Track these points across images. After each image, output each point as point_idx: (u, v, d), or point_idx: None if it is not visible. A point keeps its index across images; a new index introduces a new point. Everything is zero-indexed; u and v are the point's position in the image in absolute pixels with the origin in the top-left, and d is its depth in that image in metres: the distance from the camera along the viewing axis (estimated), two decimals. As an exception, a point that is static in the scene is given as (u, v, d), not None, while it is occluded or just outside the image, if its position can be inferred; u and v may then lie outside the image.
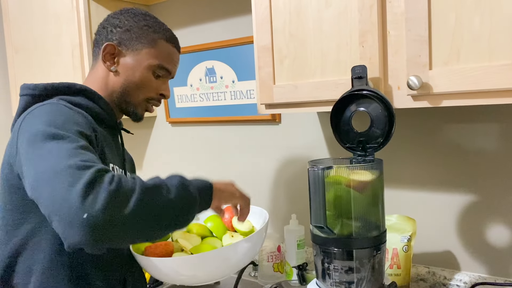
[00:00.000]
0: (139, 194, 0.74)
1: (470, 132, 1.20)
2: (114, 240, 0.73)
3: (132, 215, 0.72)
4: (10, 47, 1.91)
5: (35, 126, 0.82)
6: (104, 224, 0.69)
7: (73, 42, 1.66)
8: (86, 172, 0.72)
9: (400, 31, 0.97)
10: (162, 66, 1.04)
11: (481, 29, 0.86)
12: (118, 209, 0.71)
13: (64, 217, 0.70)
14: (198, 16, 1.73)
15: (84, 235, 0.69)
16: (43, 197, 0.73)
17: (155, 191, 0.77)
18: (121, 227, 0.71)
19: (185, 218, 0.82)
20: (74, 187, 0.70)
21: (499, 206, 1.18)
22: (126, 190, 0.73)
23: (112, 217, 0.70)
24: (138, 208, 0.73)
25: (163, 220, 0.77)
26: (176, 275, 0.91)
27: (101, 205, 0.69)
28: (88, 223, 0.68)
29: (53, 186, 0.72)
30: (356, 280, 0.92)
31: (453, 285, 1.23)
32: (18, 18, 1.86)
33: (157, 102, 1.09)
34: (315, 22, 1.08)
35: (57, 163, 0.74)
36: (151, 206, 0.75)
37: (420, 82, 0.92)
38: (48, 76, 1.77)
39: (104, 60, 1.03)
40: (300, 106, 1.15)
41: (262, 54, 1.18)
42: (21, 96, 0.96)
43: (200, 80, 1.73)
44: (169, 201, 0.78)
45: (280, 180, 1.58)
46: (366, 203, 0.93)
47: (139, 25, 1.03)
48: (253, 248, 0.95)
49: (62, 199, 0.70)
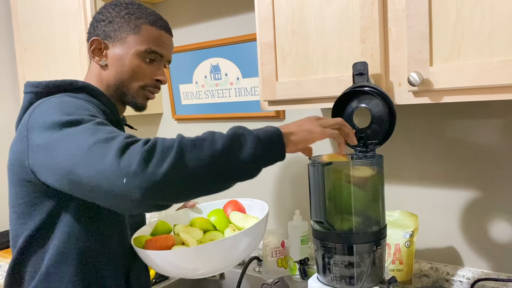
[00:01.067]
0: (177, 150, 0.71)
1: (473, 128, 1.20)
2: (165, 197, 0.72)
3: (170, 172, 0.70)
4: (19, 45, 1.94)
5: (48, 118, 0.83)
6: (146, 184, 0.69)
7: (80, 40, 1.68)
8: (114, 141, 0.72)
9: (401, 28, 0.97)
10: (150, 50, 1.01)
11: (481, 26, 0.87)
12: (155, 167, 0.69)
13: (107, 189, 0.70)
14: (203, 13, 1.74)
15: (132, 201, 0.69)
16: (82, 177, 0.73)
17: (198, 144, 0.73)
18: (164, 184, 0.70)
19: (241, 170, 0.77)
20: (106, 158, 0.70)
21: (502, 202, 1.18)
22: (162, 148, 0.72)
23: (152, 175, 0.69)
24: (176, 164, 0.70)
25: (210, 172, 0.73)
26: (177, 268, 0.91)
27: (137, 166, 0.69)
28: (129, 187, 0.68)
29: (87, 164, 0.72)
30: (356, 275, 0.93)
31: (456, 281, 1.23)
32: (26, 17, 1.88)
33: (155, 89, 1.07)
34: (317, 19, 1.09)
35: (83, 143, 0.74)
36: (191, 161, 0.72)
37: (420, 78, 0.92)
38: (56, 74, 1.80)
39: (92, 56, 1.04)
40: (302, 103, 1.16)
41: (265, 51, 1.19)
42: (25, 93, 0.98)
43: (205, 77, 1.75)
44: (213, 154, 0.73)
45: (285, 176, 1.60)
46: (366, 199, 0.94)
47: (120, 14, 1.02)
48: (253, 240, 0.95)
49: (99, 173, 0.71)
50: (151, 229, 1.06)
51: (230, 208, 1.10)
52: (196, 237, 1.00)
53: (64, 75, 1.76)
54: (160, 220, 1.08)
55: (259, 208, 1.09)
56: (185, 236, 0.97)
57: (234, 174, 0.77)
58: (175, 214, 1.16)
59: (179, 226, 1.05)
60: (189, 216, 1.15)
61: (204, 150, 0.73)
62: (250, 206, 1.12)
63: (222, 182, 0.77)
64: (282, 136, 0.80)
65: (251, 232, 0.93)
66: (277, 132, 0.80)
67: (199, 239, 0.99)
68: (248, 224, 1.01)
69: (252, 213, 1.10)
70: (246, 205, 1.13)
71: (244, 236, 0.92)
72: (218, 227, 1.05)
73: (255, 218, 1.04)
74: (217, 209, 1.10)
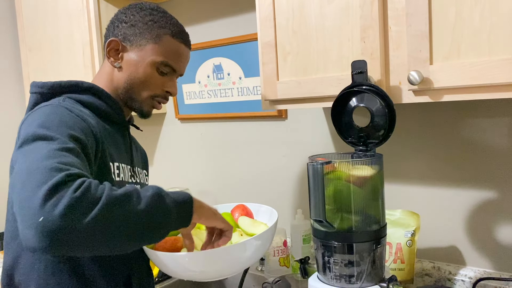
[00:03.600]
0: (104, 204, 0.70)
1: (474, 127, 1.20)
2: (71, 248, 0.69)
3: (92, 225, 0.68)
4: (24, 45, 1.96)
5: (28, 128, 0.82)
6: (60, 231, 0.66)
7: (83, 40, 1.69)
8: (56, 175, 0.70)
9: (401, 27, 0.97)
10: (166, 63, 1.01)
11: (481, 24, 0.86)
12: (77, 217, 0.68)
13: (24, 218, 0.68)
14: (206, 13, 1.75)
15: (38, 239, 0.66)
16: (14, 196, 0.72)
17: (124, 200, 0.73)
18: (79, 236, 0.68)
19: (156, 231, 0.77)
20: (40, 188, 0.68)
21: (504, 201, 1.18)
22: (91, 199, 0.70)
23: (70, 224, 0.67)
24: (100, 218, 0.69)
25: (128, 231, 0.73)
26: (184, 270, 0.91)
27: (59, 211, 0.67)
28: (42, 227, 0.66)
29: (23, 185, 0.71)
30: (356, 273, 0.93)
31: (458, 280, 1.23)
32: (31, 17, 1.90)
33: (163, 100, 1.06)
34: (317, 19, 1.09)
35: (34, 163, 0.73)
36: (116, 216, 0.71)
37: (420, 77, 0.92)
38: (60, 75, 1.81)
39: (108, 56, 1.03)
40: (303, 102, 1.16)
41: (266, 50, 1.19)
42: (31, 93, 0.98)
43: (208, 77, 1.75)
44: (137, 212, 0.74)
45: (287, 175, 1.60)
46: (366, 198, 0.94)
47: (144, 20, 1.01)
48: (262, 246, 0.94)
49: (26, 199, 0.68)
50: None
51: (238, 213, 1.10)
52: (204, 239, 1.00)
53: (68, 75, 1.77)
54: None
55: (267, 214, 1.09)
56: (194, 238, 0.97)
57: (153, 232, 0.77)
58: None
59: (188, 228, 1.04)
60: None
61: (129, 207, 0.73)
62: (258, 211, 1.12)
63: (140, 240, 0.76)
64: (192, 202, 0.83)
65: (260, 238, 0.92)
66: (190, 198, 0.83)
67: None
68: (256, 229, 1.01)
69: (260, 219, 1.10)
70: (254, 210, 1.12)
71: (253, 242, 0.91)
72: None
73: (263, 224, 1.04)
74: (225, 213, 1.10)
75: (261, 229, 0.99)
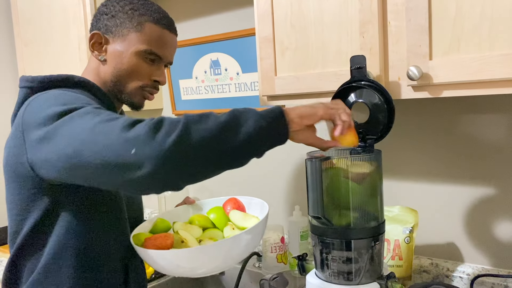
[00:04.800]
0: (184, 122, 0.71)
1: (473, 123, 1.19)
2: (175, 169, 0.70)
3: (179, 142, 0.69)
4: (19, 40, 1.94)
5: (44, 111, 0.81)
6: (156, 152, 0.67)
7: (79, 35, 1.67)
8: (118, 120, 0.71)
9: (401, 21, 0.96)
10: (150, 51, 0.99)
11: (481, 19, 0.85)
12: (163, 137, 0.68)
13: (116, 164, 0.69)
14: (203, 8, 1.73)
15: (142, 175, 0.68)
16: (87, 158, 0.71)
17: (203, 118, 0.73)
18: (173, 153, 0.69)
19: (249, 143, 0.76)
20: (112, 133, 0.69)
21: (502, 198, 1.17)
22: (170, 122, 0.71)
23: (161, 144, 0.68)
24: (184, 135, 0.70)
25: (212, 146, 0.72)
26: (175, 267, 0.90)
27: (145, 136, 0.67)
28: (139, 157, 0.67)
29: (92, 143, 0.70)
30: (354, 270, 0.92)
31: (456, 277, 1.22)
32: (27, 11, 1.88)
33: (153, 89, 1.04)
34: (316, 13, 1.08)
35: (85, 124, 0.72)
36: (197, 132, 0.71)
37: (420, 73, 0.91)
38: (56, 69, 1.79)
39: (92, 50, 1.01)
40: (302, 98, 1.15)
41: (264, 45, 1.18)
42: (20, 88, 0.96)
43: (205, 73, 1.74)
44: (218, 125, 0.73)
45: (284, 171, 1.59)
46: (365, 194, 0.93)
47: (124, 9, 0.99)
48: (253, 240, 0.94)
49: (105, 149, 0.69)
50: (150, 225, 1.06)
51: (229, 206, 1.09)
52: (195, 235, 0.99)
53: (64, 70, 1.75)
54: (159, 218, 1.08)
55: (258, 206, 1.08)
56: (185, 234, 0.96)
57: (239, 149, 0.76)
58: (174, 210, 1.16)
59: (178, 224, 1.04)
60: (189, 213, 1.15)
61: (209, 122, 0.73)
62: (249, 204, 1.12)
63: (229, 156, 0.76)
64: (283, 114, 0.80)
65: (251, 232, 0.92)
66: (279, 109, 0.81)
67: (198, 237, 0.99)
68: (248, 223, 1.01)
69: (251, 212, 1.10)
70: (245, 203, 1.12)
71: (244, 236, 0.91)
72: (217, 225, 1.04)
73: (255, 217, 1.03)
74: (217, 207, 1.10)
75: (253, 222, 0.98)
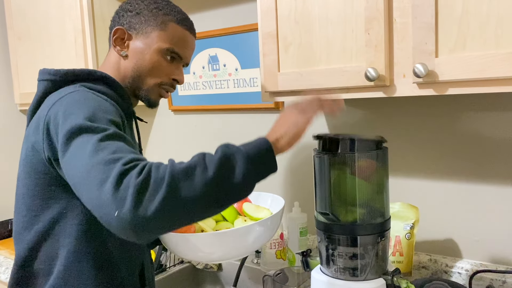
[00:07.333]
0: (168, 181, 0.69)
1: (475, 120, 1.20)
2: (155, 230, 0.70)
3: (163, 206, 0.68)
4: (12, 33, 1.90)
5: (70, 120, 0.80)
6: (137, 220, 0.68)
7: (76, 28, 1.65)
8: (113, 167, 0.70)
9: (407, 19, 0.97)
10: (172, 49, 1.02)
11: (488, 17, 0.86)
12: (148, 202, 0.68)
13: (102, 216, 0.70)
14: (202, 3, 1.72)
15: (123, 232, 0.69)
16: (83, 197, 0.74)
17: (189, 173, 0.72)
18: (156, 219, 0.68)
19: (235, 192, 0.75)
20: (104, 185, 0.69)
21: (501, 194, 1.19)
22: (155, 179, 0.70)
23: (144, 212, 0.68)
24: (168, 198, 0.69)
25: (204, 201, 0.71)
26: (196, 251, 0.94)
27: (130, 201, 0.67)
28: (122, 220, 0.68)
29: (87, 186, 0.72)
30: (360, 266, 0.93)
31: (454, 273, 1.24)
32: (20, 4, 1.84)
33: (170, 88, 1.07)
34: (321, 9, 1.07)
35: (87, 161, 0.73)
36: (183, 192, 0.70)
37: (426, 70, 0.91)
38: (52, 64, 1.76)
39: (114, 45, 1.03)
40: (305, 94, 1.15)
41: (267, 41, 1.17)
42: (40, 81, 0.95)
43: (203, 68, 1.73)
44: (206, 182, 0.71)
45: (283, 168, 1.59)
46: (371, 191, 0.93)
47: (149, 8, 1.02)
48: (269, 231, 0.97)
49: (96, 199, 0.70)
50: None
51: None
52: (210, 226, 1.04)
53: (59, 64, 1.73)
54: None
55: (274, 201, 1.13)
56: (203, 225, 1.01)
57: (228, 198, 0.75)
58: None
59: None
60: None
61: (195, 179, 0.71)
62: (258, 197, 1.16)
63: (216, 208, 0.75)
64: (272, 149, 0.79)
65: (267, 222, 0.96)
66: (266, 145, 0.79)
67: (213, 228, 1.03)
68: (260, 214, 1.05)
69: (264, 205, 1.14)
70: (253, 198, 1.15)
71: (261, 225, 0.95)
72: (227, 218, 1.08)
73: (267, 209, 1.07)
74: None
75: (265, 214, 1.03)
